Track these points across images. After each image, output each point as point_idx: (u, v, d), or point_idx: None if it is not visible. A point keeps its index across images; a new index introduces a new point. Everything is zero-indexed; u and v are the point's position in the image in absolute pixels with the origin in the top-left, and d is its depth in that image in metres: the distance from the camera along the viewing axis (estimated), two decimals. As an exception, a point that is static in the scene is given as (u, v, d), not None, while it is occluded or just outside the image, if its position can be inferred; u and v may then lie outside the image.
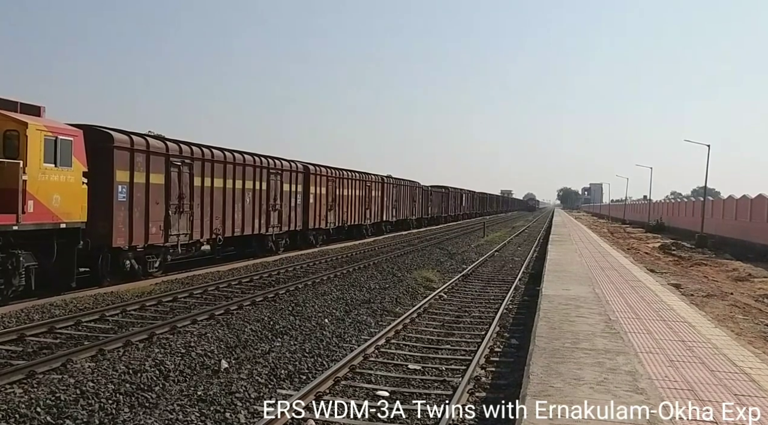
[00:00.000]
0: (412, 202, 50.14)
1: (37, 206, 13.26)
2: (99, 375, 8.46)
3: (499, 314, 14.01)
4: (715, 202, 50.50)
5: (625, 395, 6.63)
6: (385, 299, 16.13)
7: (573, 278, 17.33)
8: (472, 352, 10.79)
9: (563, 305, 12.44)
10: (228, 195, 21.73)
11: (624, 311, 12.22)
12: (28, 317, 12.17)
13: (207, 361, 9.59)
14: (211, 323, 12.16)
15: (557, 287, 15.06)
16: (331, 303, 14.91)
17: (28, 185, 12.95)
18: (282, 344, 10.98)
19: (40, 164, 13.33)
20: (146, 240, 17.41)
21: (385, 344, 11.24)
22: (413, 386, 9.04)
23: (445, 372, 9.76)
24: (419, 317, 13.98)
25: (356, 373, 9.35)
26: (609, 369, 7.64)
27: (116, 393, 7.89)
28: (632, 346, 9.11)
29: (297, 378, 9.15)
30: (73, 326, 11.68)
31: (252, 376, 8.94)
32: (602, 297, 13.84)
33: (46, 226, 13.60)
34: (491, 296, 17.38)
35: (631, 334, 10.00)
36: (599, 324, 10.55)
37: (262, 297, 15.05)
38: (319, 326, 12.55)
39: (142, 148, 17.32)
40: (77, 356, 9.38)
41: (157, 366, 8.98)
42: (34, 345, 10.39)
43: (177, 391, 8.22)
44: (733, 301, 17.06)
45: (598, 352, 8.54)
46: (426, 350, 11.22)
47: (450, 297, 17.06)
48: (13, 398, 7.52)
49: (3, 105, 13.23)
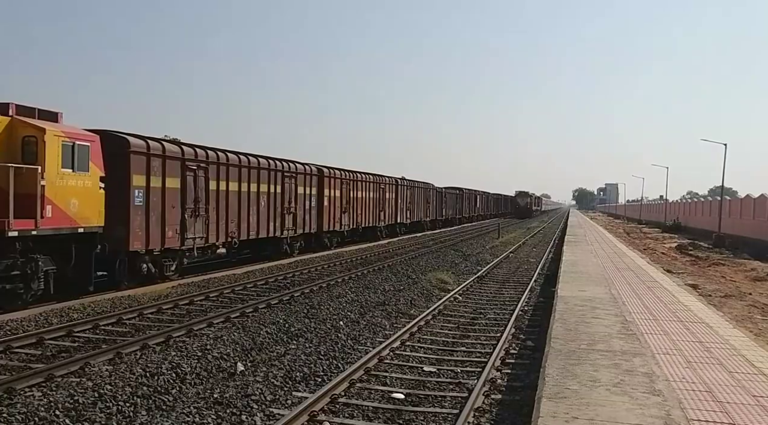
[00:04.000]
0: (426, 204, 50.06)
1: (56, 211, 13.42)
2: (116, 378, 8.54)
3: (515, 316, 13.95)
4: (732, 201, 49.94)
5: (641, 397, 6.59)
6: (399, 301, 16.13)
7: (589, 279, 17.24)
8: (487, 354, 10.76)
9: (579, 306, 12.38)
10: (243, 198, 21.84)
11: (640, 313, 12.13)
12: (46, 320, 12.30)
13: (223, 364, 9.64)
14: (227, 326, 12.23)
15: (573, 289, 14.99)
16: (345, 306, 14.94)
17: (46, 190, 13.10)
18: (297, 346, 11.02)
19: (57, 170, 13.48)
20: (163, 244, 17.54)
21: (399, 346, 11.24)
22: (428, 388, 9.04)
23: (461, 374, 9.74)
24: (434, 319, 13.96)
25: (371, 375, 9.36)
26: (625, 371, 7.59)
27: (134, 395, 7.95)
28: (649, 347, 9.04)
29: (312, 381, 9.17)
30: (91, 329, 11.80)
31: (267, 379, 8.98)
32: (618, 298, 13.75)
33: (64, 230, 13.74)
34: (506, 298, 17.32)
35: (647, 335, 9.93)
36: (615, 326, 10.49)
37: (277, 300, 15.11)
38: (334, 328, 12.57)
39: (158, 152, 17.46)
40: (95, 359, 9.47)
41: (173, 369, 9.04)
42: (53, 348, 10.50)
43: (193, 394, 8.27)
44: (751, 301, 16.87)
45: (615, 354, 8.49)
46: (441, 352, 11.20)
47: (465, 299, 17.03)
48: (33, 401, 7.60)
49: (21, 111, 13.40)
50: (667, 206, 78.64)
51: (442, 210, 56.66)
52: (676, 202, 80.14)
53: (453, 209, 61.46)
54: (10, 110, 13.19)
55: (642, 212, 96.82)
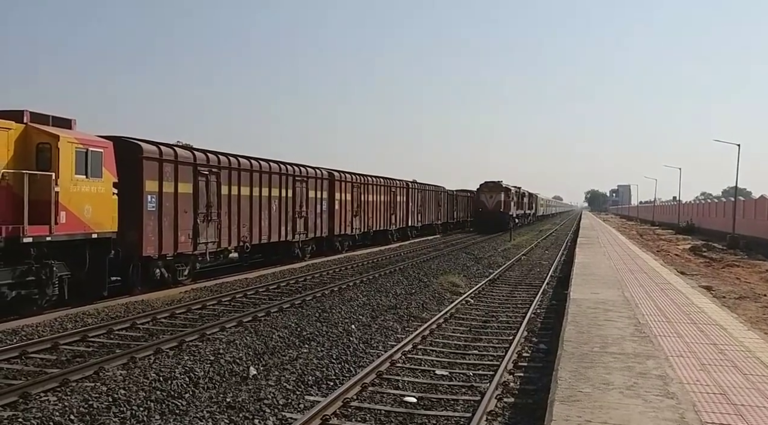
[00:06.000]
0: (438, 206, 49.98)
1: (70, 217, 13.54)
2: (130, 383, 8.60)
3: (527, 319, 13.91)
4: (746, 202, 49.49)
5: (655, 400, 6.55)
6: (411, 304, 16.13)
7: (601, 281, 17.16)
8: (500, 357, 10.74)
9: (592, 309, 12.32)
10: (255, 203, 21.92)
11: (654, 315, 12.06)
12: (61, 326, 12.41)
13: (236, 368, 9.68)
14: (240, 330, 12.28)
15: (585, 291, 14.92)
16: (357, 309, 14.96)
17: (60, 196, 13.23)
18: (309, 350, 11.04)
19: (71, 176, 13.60)
20: (175, 249, 17.64)
21: (411, 349, 11.24)
22: (441, 392, 9.03)
23: (473, 378, 9.73)
24: (446, 322, 13.95)
25: (383, 379, 9.37)
26: (639, 374, 7.55)
27: (147, 400, 8.00)
28: (662, 350, 8.99)
29: (325, 385, 9.19)
30: (105, 334, 11.89)
31: (280, 383, 9.01)
32: (631, 301, 13.68)
33: (78, 236, 13.86)
34: (519, 301, 17.27)
35: (661, 338, 9.87)
36: (628, 328, 10.44)
37: (289, 304, 15.16)
38: (345, 332, 12.59)
39: (171, 158, 17.57)
40: (109, 364, 9.54)
41: (186, 374, 9.09)
42: (67, 353, 10.59)
43: (206, 398, 8.31)
44: (766, 303, 16.72)
45: (628, 356, 8.45)
46: (453, 355, 11.19)
47: (477, 302, 17.00)
48: (48, 406, 7.67)
49: (36, 118, 13.54)
50: (680, 207, 78.08)
51: (454, 213, 56.56)
52: (690, 203, 79.59)
53: (465, 211, 61.34)
54: (25, 118, 13.32)
55: (655, 213, 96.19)
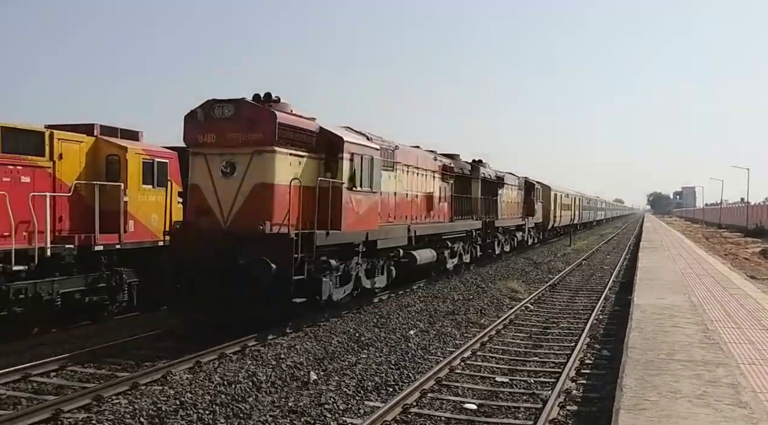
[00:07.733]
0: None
1: (137, 226, 14.08)
2: (196, 387, 8.84)
3: (589, 325, 13.63)
4: (822, 202, 47.19)
5: (727, 409, 6.33)
6: (469, 310, 16.01)
7: (666, 286, 16.67)
8: (561, 364, 10.56)
9: (657, 314, 12.00)
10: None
11: (723, 321, 11.65)
12: (131, 331, 12.84)
13: (296, 373, 9.83)
14: (300, 335, 12.45)
15: (650, 296, 14.53)
16: (414, 315, 14.96)
17: (128, 205, 13.79)
18: (368, 356, 11.11)
19: (139, 186, 14.14)
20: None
21: (470, 356, 11.17)
22: (501, 398, 8.94)
23: (534, 385, 9.60)
24: (505, 328, 13.80)
25: (443, 385, 9.34)
26: (708, 382, 7.31)
27: (212, 403, 8.21)
28: (733, 357, 8.67)
29: (384, 390, 9.23)
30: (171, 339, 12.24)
31: (340, 388, 9.10)
32: (699, 306, 13.24)
33: (146, 244, 14.37)
34: (580, 307, 16.94)
35: (731, 344, 9.52)
36: (696, 334, 10.11)
37: (347, 310, 15.28)
38: (403, 338, 12.61)
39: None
40: (176, 368, 9.84)
41: (249, 378, 9.28)
42: (136, 358, 10.97)
43: (269, 402, 8.47)
44: None
45: (696, 364, 8.19)
46: (513, 362, 11.07)
47: (537, 308, 16.76)
48: (119, 408, 7.96)
49: (105, 131, 14.14)
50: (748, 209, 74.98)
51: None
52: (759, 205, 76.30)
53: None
54: (95, 130, 13.93)
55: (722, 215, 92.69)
